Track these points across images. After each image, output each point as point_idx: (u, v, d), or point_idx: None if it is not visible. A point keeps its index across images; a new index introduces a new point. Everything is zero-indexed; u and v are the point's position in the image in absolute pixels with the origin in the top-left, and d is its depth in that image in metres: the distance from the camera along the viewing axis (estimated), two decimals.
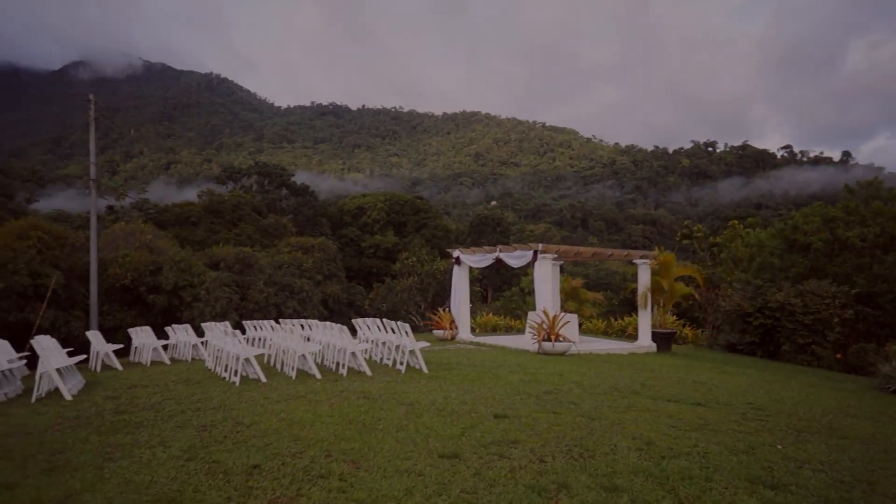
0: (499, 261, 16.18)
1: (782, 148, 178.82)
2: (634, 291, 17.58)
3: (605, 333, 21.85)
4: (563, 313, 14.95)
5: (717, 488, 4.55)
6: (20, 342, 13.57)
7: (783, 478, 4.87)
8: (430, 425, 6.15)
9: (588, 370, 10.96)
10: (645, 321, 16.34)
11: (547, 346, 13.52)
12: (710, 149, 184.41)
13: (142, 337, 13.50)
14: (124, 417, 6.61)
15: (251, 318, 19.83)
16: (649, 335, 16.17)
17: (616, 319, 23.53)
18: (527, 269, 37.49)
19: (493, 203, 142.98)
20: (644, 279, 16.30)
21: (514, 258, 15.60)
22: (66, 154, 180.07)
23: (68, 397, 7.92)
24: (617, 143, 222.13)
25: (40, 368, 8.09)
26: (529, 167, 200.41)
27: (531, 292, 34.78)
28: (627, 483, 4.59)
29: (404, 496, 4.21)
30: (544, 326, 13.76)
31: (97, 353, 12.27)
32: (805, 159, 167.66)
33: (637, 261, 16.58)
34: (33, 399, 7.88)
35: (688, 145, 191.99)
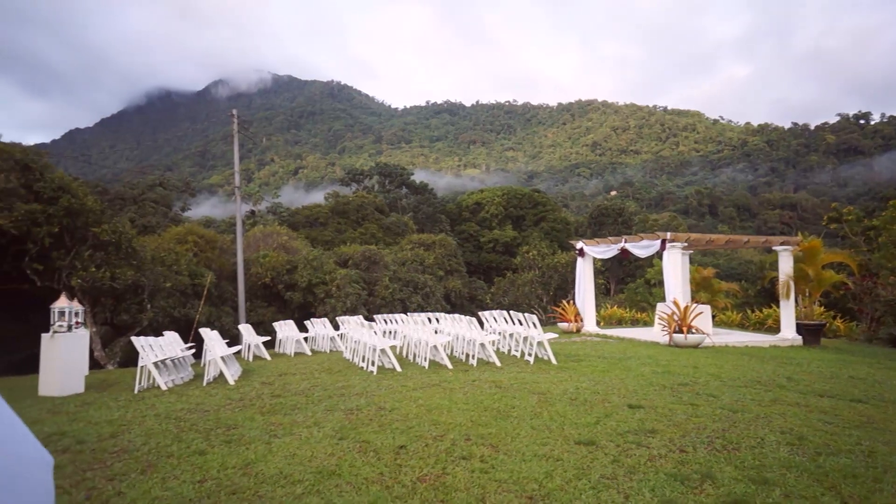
0: (624, 251, 15.77)
1: None
2: (774, 281, 16.38)
3: (741, 326, 20.53)
4: (694, 304, 14.28)
5: (888, 490, 4.22)
6: (184, 335, 15.31)
7: None
8: (564, 414, 6.21)
9: (725, 363, 10.43)
10: (788, 312, 15.17)
11: (679, 337, 12.99)
12: (861, 121, 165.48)
13: (285, 330, 14.69)
14: (280, 401, 7.31)
15: (378, 313, 20.84)
16: (793, 327, 15.00)
17: (753, 311, 22.01)
18: (652, 261, 36.03)
19: (613, 193, 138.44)
20: (786, 267, 15.14)
21: (641, 248, 15.12)
22: (210, 165, 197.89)
23: (231, 382, 8.86)
24: (748, 123, 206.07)
25: (208, 356, 9.11)
26: (651, 154, 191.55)
27: (657, 284, 33.40)
28: (779, 477, 4.38)
29: (545, 478, 4.33)
30: (675, 318, 13.24)
31: (248, 344, 13.53)
32: None
33: (777, 248, 15.44)
34: (204, 383, 8.90)
35: (833, 119, 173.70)
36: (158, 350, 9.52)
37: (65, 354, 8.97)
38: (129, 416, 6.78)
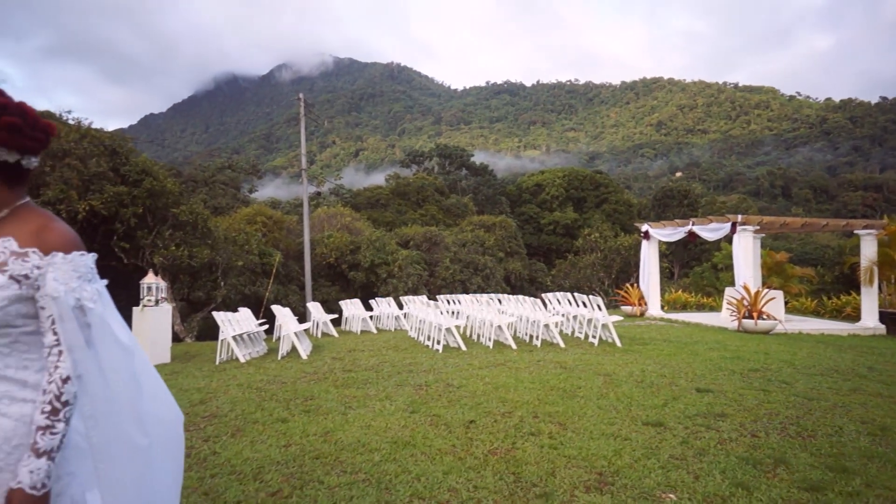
0: (692, 234, 15.38)
1: None
2: (854, 266, 15.61)
3: (816, 313, 19.67)
4: (766, 289, 13.82)
5: None
6: (254, 312, 16.06)
7: None
8: (630, 395, 6.24)
9: (799, 350, 10.10)
10: (870, 300, 14.45)
11: (748, 323, 12.63)
12: None
13: (351, 308, 15.16)
14: (352, 375, 7.63)
15: (438, 294, 21.12)
16: (875, 315, 14.28)
17: (829, 298, 21.03)
18: (719, 245, 34.84)
19: (679, 174, 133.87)
20: (868, 252, 14.39)
21: (710, 231, 14.72)
22: (274, 148, 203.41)
23: (304, 357, 9.29)
24: (829, 99, 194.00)
25: (283, 332, 9.57)
26: (719, 133, 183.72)
27: (725, 268, 32.30)
28: (859, 467, 4.29)
29: (613, 456, 4.41)
30: (745, 303, 12.86)
31: (317, 321, 14.06)
32: None
33: (859, 231, 14.68)
34: (279, 356, 9.37)
35: None
36: (236, 325, 10.06)
37: (153, 327, 9.64)
38: (214, 385, 7.25)
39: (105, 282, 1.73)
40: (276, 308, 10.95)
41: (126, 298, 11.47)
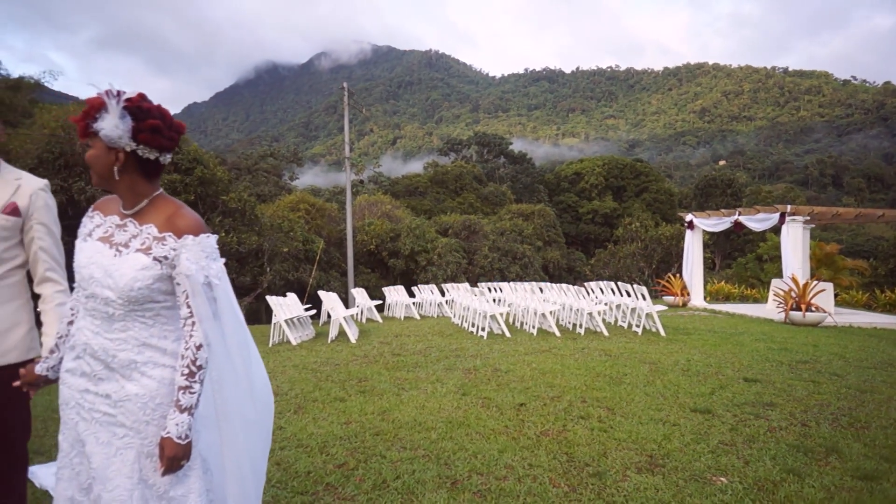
0: (738, 224, 15.14)
1: None
2: None
3: (868, 307, 19.12)
4: (815, 281, 13.55)
5: None
6: (298, 298, 16.52)
7: None
8: (677, 383, 6.31)
9: (850, 343, 9.93)
10: None
11: (796, 315, 12.44)
12: None
13: (394, 295, 15.47)
14: (401, 359, 7.88)
15: (477, 281, 21.29)
16: None
17: (882, 291, 20.39)
18: (764, 235, 34.02)
19: (722, 163, 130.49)
20: None
21: (756, 221, 14.48)
22: (313, 136, 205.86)
23: (353, 341, 9.60)
24: (888, 83, 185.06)
25: (333, 316, 9.90)
26: (766, 120, 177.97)
27: (770, 259, 31.56)
28: None
29: (663, 440, 4.52)
30: (793, 294, 12.66)
31: (361, 307, 14.40)
32: None
33: None
34: (329, 340, 9.71)
35: None
36: (287, 309, 10.44)
37: None
38: (271, 366, 7.59)
39: (223, 260, 1.95)
40: (323, 294, 11.29)
41: None
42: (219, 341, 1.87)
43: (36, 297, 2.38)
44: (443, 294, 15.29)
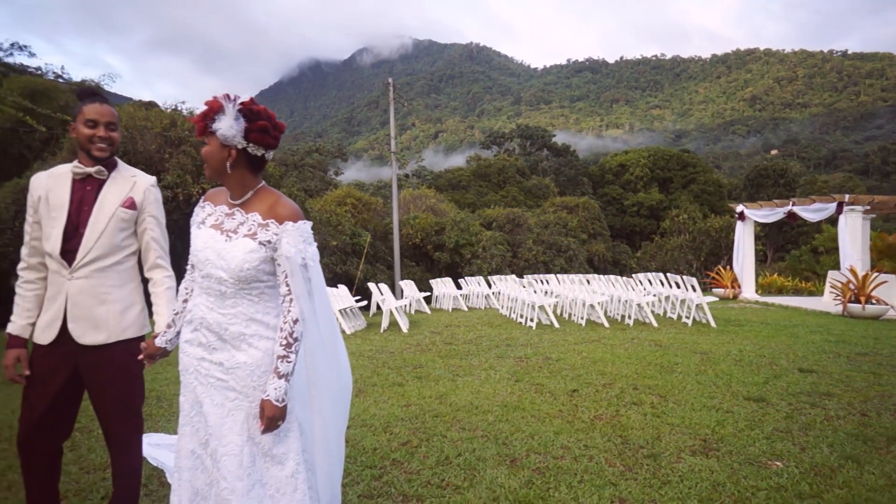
0: (791, 215, 14.78)
1: None
2: None
3: None
4: (875, 273, 13.13)
5: None
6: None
7: None
8: (729, 372, 6.32)
9: None
10: None
11: (855, 308, 12.10)
12: None
13: (442, 287, 15.71)
14: (453, 347, 8.10)
15: (521, 275, 21.33)
16: None
17: None
18: (820, 227, 32.91)
19: (774, 152, 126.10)
20: None
21: (812, 212, 14.11)
22: (355, 131, 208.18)
23: (405, 330, 9.87)
24: None
25: (385, 306, 10.19)
26: (822, 107, 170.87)
27: (827, 251, 30.54)
28: None
29: (717, 426, 4.59)
30: (851, 286, 12.32)
31: (410, 299, 14.68)
32: None
33: None
34: (381, 330, 10.00)
35: None
36: (339, 300, 10.79)
37: None
38: None
39: (315, 244, 2.18)
40: (374, 286, 11.61)
41: None
42: (311, 317, 2.10)
43: (145, 281, 2.67)
44: (490, 286, 15.45)
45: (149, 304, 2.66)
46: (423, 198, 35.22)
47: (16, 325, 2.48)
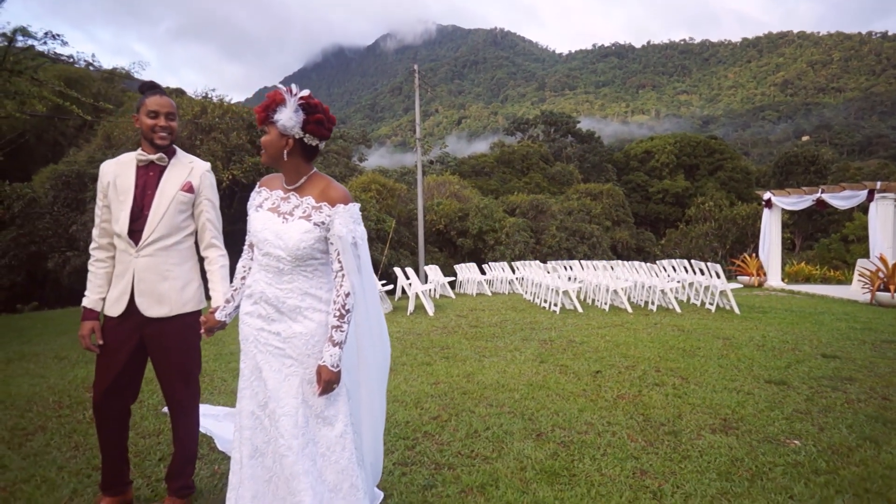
0: (820, 203, 14.63)
1: None
2: None
3: None
4: None
5: None
6: None
7: None
8: (752, 357, 6.42)
9: None
10: None
11: (883, 296, 11.99)
12: None
13: (466, 272, 15.91)
14: (479, 330, 8.30)
15: (544, 261, 21.41)
16: None
17: None
18: (851, 215, 32.31)
19: (805, 138, 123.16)
20: None
21: (841, 199, 13.95)
22: (378, 117, 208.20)
23: (431, 314, 10.10)
24: None
25: (412, 290, 10.43)
26: (858, 91, 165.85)
27: (857, 240, 30.04)
28: None
29: (737, 406, 4.72)
30: (880, 275, 12.21)
31: (435, 283, 14.91)
32: None
33: None
34: (408, 313, 10.25)
35: None
36: None
37: None
38: None
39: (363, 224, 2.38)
40: (399, 270, 11.85)
41: None
42: (360, 291, 2.30)
43: (201, 260, 2.90)
44: (513, 271, 15.60)
45: (205, 281, 2.89)
46: (446, 184, 35.37)
47: (89, 300, 2.73)
